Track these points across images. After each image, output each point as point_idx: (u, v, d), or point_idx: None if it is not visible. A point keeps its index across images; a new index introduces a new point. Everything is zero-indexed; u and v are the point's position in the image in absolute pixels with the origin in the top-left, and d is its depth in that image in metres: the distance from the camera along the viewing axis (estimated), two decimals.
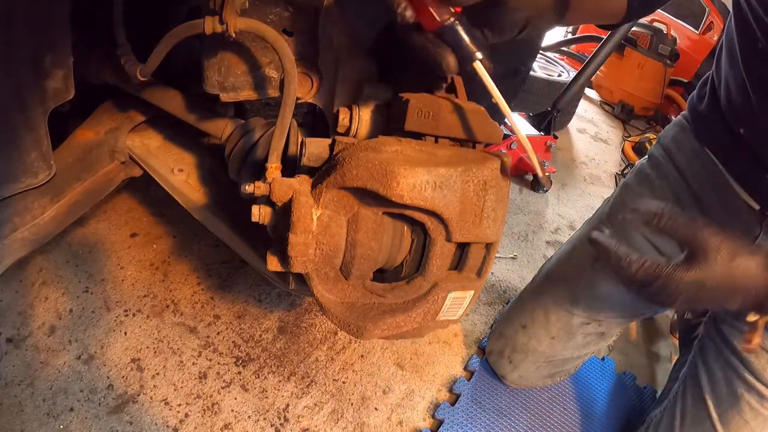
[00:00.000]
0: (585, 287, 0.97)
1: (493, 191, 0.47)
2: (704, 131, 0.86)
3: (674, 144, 0.92)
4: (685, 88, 3.07)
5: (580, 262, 0.99)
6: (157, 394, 0.92)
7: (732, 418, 0.82)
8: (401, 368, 1.11)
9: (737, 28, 0.73)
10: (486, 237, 0.49)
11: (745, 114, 0.75)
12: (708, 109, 0.84)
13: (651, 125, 3.05)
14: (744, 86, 0.73)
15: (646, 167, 0.97)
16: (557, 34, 3.61)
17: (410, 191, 0.44)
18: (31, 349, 0.92)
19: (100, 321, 1.00)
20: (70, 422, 0.84)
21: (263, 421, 0.93)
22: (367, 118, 0.59)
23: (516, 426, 1.06)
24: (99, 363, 0.93)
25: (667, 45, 2.79)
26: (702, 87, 0.89)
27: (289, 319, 1.12)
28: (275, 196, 0.48)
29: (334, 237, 0.49)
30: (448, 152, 0.49)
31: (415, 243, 0.53)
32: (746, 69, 0.72)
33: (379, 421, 1.00)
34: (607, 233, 0.56)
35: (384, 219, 0.51)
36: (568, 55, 2.89)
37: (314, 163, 0.53)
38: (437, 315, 0.53)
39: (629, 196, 0.96)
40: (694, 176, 0.88)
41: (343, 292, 0.53)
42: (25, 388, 0.87)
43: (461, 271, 0.52)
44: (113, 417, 0.87)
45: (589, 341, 1.03)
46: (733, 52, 0.75)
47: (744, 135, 0.76)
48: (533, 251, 1.62)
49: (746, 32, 0.70)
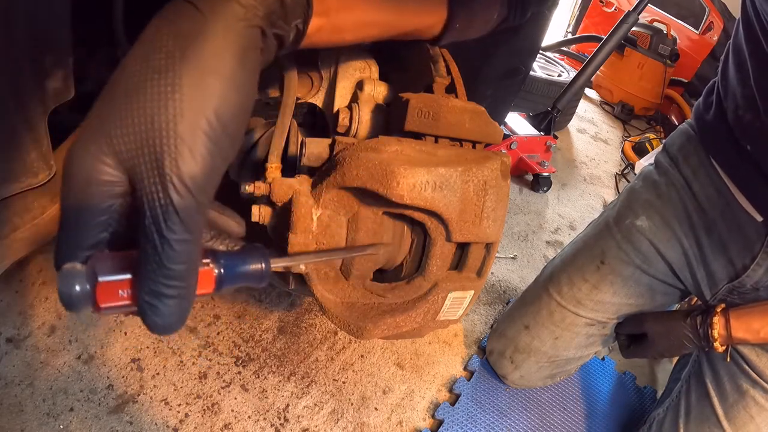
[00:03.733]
0: (590, 289, 0.97)
1: (493, 191, 0.47)
2: (710, 142, 0.86)
3: (681, 154, 0.92)
4: (685, 88, 3.08)
5: (585, 263, 0.99)
6: (157, 394, 0.92)
7: (737, 414, 0.82)
8: (401, 368, 1.11)
9: (747, 46, 0.72)
10: (486, 237, 0.49)
11: (754, 132, 0.74)
12: (714, 121, 0.84)
13: (651, 125, 3.05)
14: (755, 105, 0.72)
15: (653, 174, 0.97)
16: (557, 34, 3.61)
17: (410, 191, 0.44)
18: (31, 349, 0.92)
19: (100, 321, 1.00)
20: (70, 422, 0.84)
21: (263, 421, 0.93)
22: (367, 118, 0.59)
23: (516, 426, 1.06)
24: (99, 363, 0.93)
25: (667, 45, 2.79)
26: (708, 95, 0.88)
27: (289, 319, 1.12)
28: (275, 196, 0.48)
29: (334, 237, 0.49)
30: (448, 152, 0.49)
31: (415, 243, 0.53)
32: (758, 88, 0.71)
33: (379, 421, 1.00)
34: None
35: (384, 219, 0.51)
36: (568, 55, 2.89)
37: (314, 163, 0.53)
38: (437, 315, 0.53)
39: (637, 202, 0.96)
40: (700, 187, 0.88)
41: (343, 292, 0.53)
42: (25, 388, 0.87)
43: (461, 271, 0.52)
44: (113, 417, 0.87)
45: (593, 342, 1.03)
46: (743, 68, 0.74)
47: (751, 151, 0.75)
48: (533, 251, 1.62)
49: (759, 53, 0.69)
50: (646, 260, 0.94)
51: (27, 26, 0.47)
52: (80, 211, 0.26)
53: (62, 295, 0.26)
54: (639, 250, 0.94)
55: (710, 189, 0.86)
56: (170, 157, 0.24)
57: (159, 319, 0.26)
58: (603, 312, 0.98)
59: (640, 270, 0.95)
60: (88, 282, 0.26)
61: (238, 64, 0.28)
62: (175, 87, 0.25)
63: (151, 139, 0.25)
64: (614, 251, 0.96)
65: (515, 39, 1.34)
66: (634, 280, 0.95)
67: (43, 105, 0.55)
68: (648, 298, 0.97)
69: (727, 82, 0.80)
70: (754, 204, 0.79)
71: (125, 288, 0.26)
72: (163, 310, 0.26)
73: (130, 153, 0.25)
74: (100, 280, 0.26)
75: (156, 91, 0.25)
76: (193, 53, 0.26)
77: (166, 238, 0.25)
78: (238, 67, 0.28)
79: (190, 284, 0.27)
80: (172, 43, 0.26)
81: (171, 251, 0.25)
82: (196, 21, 0.27)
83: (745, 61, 0.73)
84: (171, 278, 0.25)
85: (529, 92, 2.23)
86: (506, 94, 1.48)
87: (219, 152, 0.27)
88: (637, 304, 0.97)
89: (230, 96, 0.27)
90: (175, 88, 0.25)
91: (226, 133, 0.27)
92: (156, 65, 0.26)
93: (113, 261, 0.27)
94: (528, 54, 1.46)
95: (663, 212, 0.93)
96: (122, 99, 0.25)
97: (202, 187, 0.26)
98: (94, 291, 0.26)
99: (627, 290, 0.96)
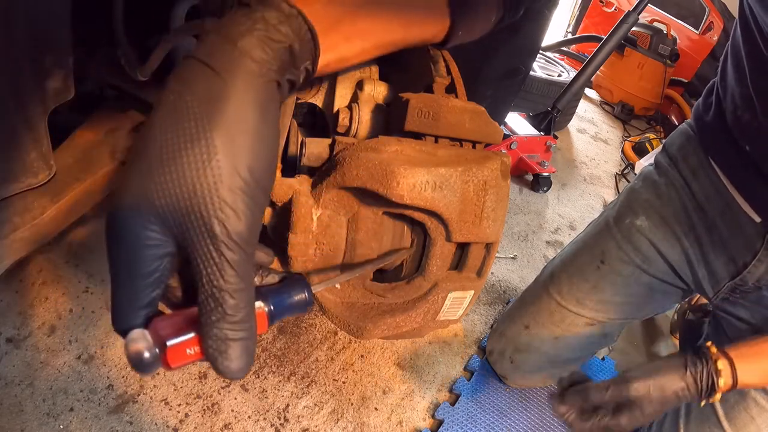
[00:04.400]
0: (590, 289, 0.97)
1: (493, 191, 0.47)
2: (710, 143, 0.86)
3: (680, 154, 0.92)
4: (685, 88, 3.08)
5: (585, 263, 0.99)
6: (157, 394, 0.92)
7: (738, 415, 0.82)
8: (401, 368, 1.11)
9: (745, 46, 0.73)
10: (486, 237, 0.49)
11: (752, 132, 0.74)
12: (714, 121, 0.84)
13: (651, 125, 3.05)
14: (752, 105, 0.72)
15: (653, 174, 0.97)
16: (557, 34, 3.61)
17: (410, 191, 0.44)
18: (31, 349, 0.92)
19: (100, 321, 1.00)
20: (70, 422, 0.84)
21: (263, 421, 0.93)
22: (367, 118, 0.59)
23: (516, 426, 1.06)
24: (99, 363, 0.93)
25: (667, 45, 2.79)
26: (707, 96, 0.88)
27: (289, 319, 1.12)
28: (275, 196, 0.48)
29: (334, 237, 0.49)
30: (448, 152, 0.49)
31: (415, 243, 0.53)
32: (755, 89, 0.71)
33: (379, 421, 1.00)
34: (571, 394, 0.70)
35: (384, 219, 0.51)
36: (568, 55, 2.89)
37: (314, 163, 0.53)
38: (437, 315, 0.53)
39: (636, 202, 0.96)
40: (699, 187, 0.88)
41: (343, 292, 0.53)
42: (25, 388, 0.87)
43: (461, 271, 0.52)
44: (113, 417, 0.87)
45: (593, 342, 1.03)
46: (740, 68, 0.74)
47: (750, 151, 0.75)
48: (533, 251, 1.62)
49: (755, 53, 0.70)
50: (646, 260, 0.94)
51: (27, 26, 0.47)
52: (134, 276, 0.28)
53: (133, 361, 0.28)
54: (639, 250, 0.94)
55: (710, 189, 0.86)
56: (218, 221, 0.27)
57: (231, 363, 0.28)
58: (603, 312, 0.98)
59: (640, 269, 0.95)
60: (157, 346, 0.28)
61: (261, 119, 0.30)
62: (211, 154, 0.27)
63: (197, 206, 0.27)
64: (614, 251, 0.96)
65: (515, 39, 1.34)
66: (635, 279, 0.95)
67: (43, 105, 0.55)
68: (648, 298, 0.97)
69: (726, 83, 0.80)
70: (753, 204, 0.79)
71: (192, 345, 0.29)
72: (232, 355, 0.28)
73: (178, 220, 0.27)
74: (169, 345, 0.28)
75: (193, 160, 0.27)
76: (220, 118, 0.28)
77: (225, 290, 0.27)
78: (261, 123, 0.30)
79: (252, 325, 0.29)
80: (198, 108, 0.28)
81: (231, 300, 0.28)
82: (215, 84, 0.29)
83: (743, 61, 0.73)
84: (235, 324, 0.28)
85: (529, 92, 2.23)
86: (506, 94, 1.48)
87: (256, 205, 0.29)
88: (637, 303, 0.97)
89: (259, 151, 0.29)
90: (210, 155, 0.27)
91: (260, 187, 0.29)
92: (188, 133, 0.27)
93: (175, 322, 0.30)
94: (528, 54, 1.47)
95: (662, 212, 0.93)
96: (160, 167, 0.27)
97: (248, 240, 0.28)
98: (164, 354, 0.28)
99: (627, 290, 0.96)
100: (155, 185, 0.27)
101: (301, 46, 0.34)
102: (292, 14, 0.34)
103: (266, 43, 0.31)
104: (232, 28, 0.31)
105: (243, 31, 0.31)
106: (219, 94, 0.28)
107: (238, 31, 0.31)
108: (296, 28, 0.34)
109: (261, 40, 0.31)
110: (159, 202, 0.27)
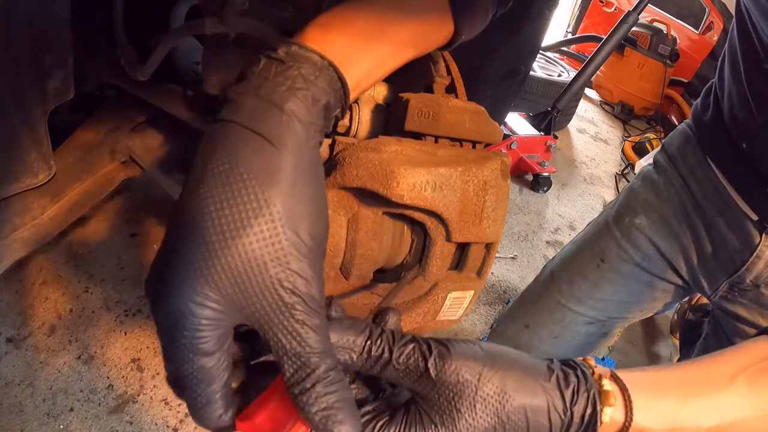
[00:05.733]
0: (590, 287, 0.97)
1: (493, 191, 0.47)
2: (708, 142, 0.86)
3: (679, 153, 0.92)
4: (685, 88, 3.08)
5: (585, 262, 0.99)
6: (157, 394, 0.92)
7: None
8: None
9: (741, 45, 0.73)
10: (486, 237, 0.49)
11: (749, 130, 0.75)
12: (712, 121, 0.84)
13: (651, 125, 3.05)
14: (747, 103, 0.73)
15: (652, 173, 0.97)
16: (557, 34, 3.62)
17: (410, 191, 0.44)
18: (31, 349, 0.92)
19: (100, 321, 1.00)
20: (70, 422, 0.84)
21: None
22: (367, 118, 0.59)
23: None
24: (99, 363, 0.93)
25: (667, 45, 2.79)
26: (706, 96, 0.88)
27: None
28: None
29: (334, 237, 0.49)
30: (448, 152, 0.49)
31: (415, 243, 0.53)
32: (750, 87, 0.72)
33: None
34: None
35: (384, 219, 0.51)
36: (568, 55, 2.89)
37: None
38: (437, 315, 0.53)
39: (636, 201, 0.97)
40: (698, 186, 0.88)
41: (343, 291, 0.53)
42: (25, 388, 0.87)
43: (461, 271, 0.52)
44: (113, 417, 0.87)
45: (593, 341, 1.04)
46: (736, 67, 0.75)
47: (747, 150, 0.76)
48: (533, 251, 1.62)
49: (751, 52, 0.70)
50: (646, 258, 0.94)
51: (27, 26, 0.47)
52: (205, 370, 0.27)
53: None
54: (638, 248, 0.94)
55: (708, 188, 0.87)
56: (294, 294, 0.27)
57: (343, 427, 0.28)
58: (603, 310, 0.98)
59: (640, 268, 0.95)
60: None
61: (313, 184, 0.30)
62: (277, 230, 0.27)
63: (268, 281, 0.27)
64: (614, 249, 0.97)
65: (515, 39, 1.34)
66: (634, 277, 0.95)
67: (43, 105, 0.55)
68: (648, 296, 0.97)
69: (723, 82, 0.80)
70: (750, 203, 0.79)
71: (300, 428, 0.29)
72: (340, 415, 0.28)
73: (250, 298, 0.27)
74: None
75: (260, 236, 0.27)
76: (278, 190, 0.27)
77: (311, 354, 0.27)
78: (314, 187, 0.30)
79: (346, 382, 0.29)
80: (254, 181, 0.27)
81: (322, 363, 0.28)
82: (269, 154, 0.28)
83: (739, 60, 0.74)
84: (330, 385, 0.28)
85: (529, 92, 2.23)
86: (506, 94, 1.48)
87: (319, 267, 0.29)
88: (637, 302, 0.97)
89: (315, 215, 0.29)
90: (276, 230, 0.27)
91: (321, 250, 0.29)
92: (248, 208, 0.27)
93: (274, 416, 0.29)
94: (528, 54, 1.47)
95: (662, 210, 0.93)
96: (220, 245, 0.26)
97: (320, 301, 0.29)
98: None
99: (627, 288, 0.96)
100: (215, 264, 0.26)
101: (334, 99, 0.34)
102: (324, 66, 0.33)
103: (310, 103, 0.30)
104: (273, 89, 0.29)
105: (285, 93, 0.29)
106: (274, 165, 0.28)
107: (280, 92, 0.29)
108: (329, 80, 0.33)
109: (303, 101, 0.30)
110: (222, 284, 0.26)
